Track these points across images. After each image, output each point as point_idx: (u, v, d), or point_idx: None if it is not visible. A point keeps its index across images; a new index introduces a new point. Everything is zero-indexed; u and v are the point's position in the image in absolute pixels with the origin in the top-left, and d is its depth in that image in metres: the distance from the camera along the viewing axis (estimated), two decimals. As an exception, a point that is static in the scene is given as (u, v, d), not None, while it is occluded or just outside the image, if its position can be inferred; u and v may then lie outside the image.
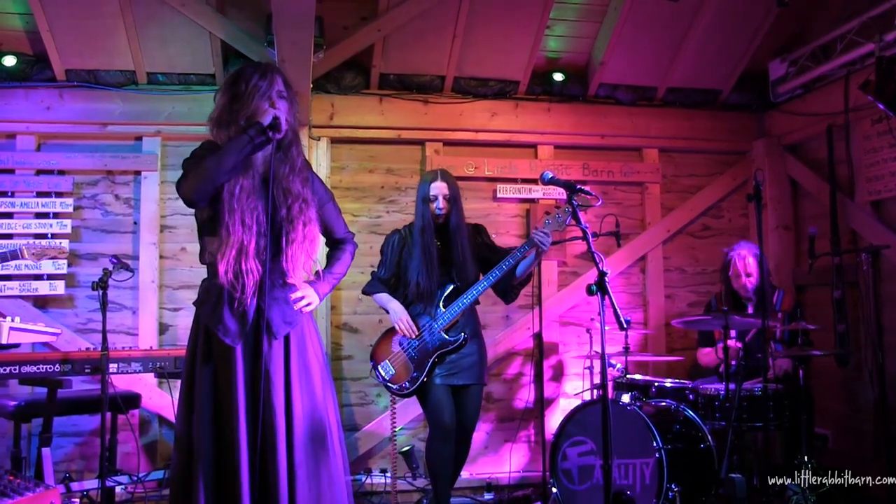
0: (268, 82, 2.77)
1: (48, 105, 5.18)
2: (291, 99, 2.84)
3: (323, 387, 2.82)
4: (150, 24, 4.98)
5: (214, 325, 2.71)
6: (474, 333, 4.25)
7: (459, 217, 4.25)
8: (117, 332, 5.17)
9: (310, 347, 2.83)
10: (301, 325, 2.82)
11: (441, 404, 4.11)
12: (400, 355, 4.20)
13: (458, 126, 5.61)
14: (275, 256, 2.76)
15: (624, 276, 5.83)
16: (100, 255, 5.19)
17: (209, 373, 2.72)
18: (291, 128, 2.82)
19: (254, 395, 2.67)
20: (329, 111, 5.45)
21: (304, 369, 2.77)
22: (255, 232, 2.70)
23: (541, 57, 5.58)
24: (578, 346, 5.67)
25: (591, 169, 5.77)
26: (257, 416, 2.64)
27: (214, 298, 2.74)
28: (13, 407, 4.23)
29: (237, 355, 2.68)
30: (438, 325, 4.14)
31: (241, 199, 2.71)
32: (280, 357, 2.73)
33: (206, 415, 2.68)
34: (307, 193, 2.84)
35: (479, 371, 4.23)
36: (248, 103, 2.74)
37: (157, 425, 5.17)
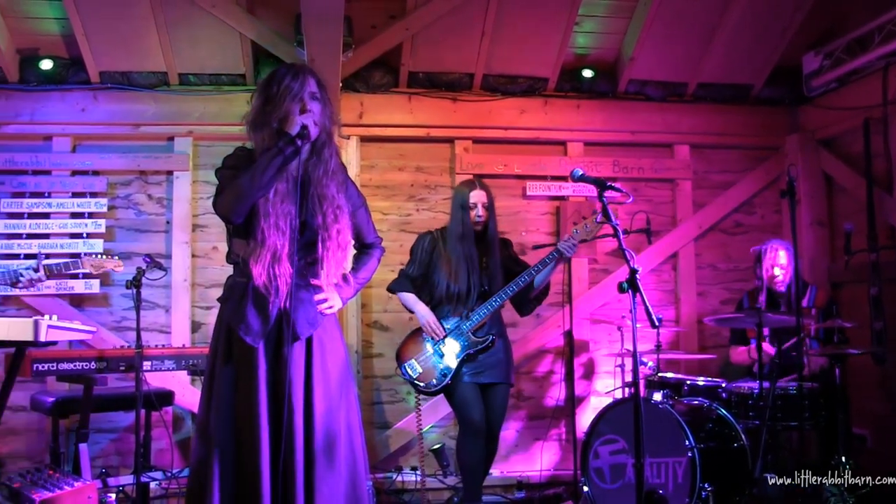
0: (299, 83, 2.74)
1: (83, 107, 5.26)
2: (325, 100, 2.80)
3: (340, 390, 2.80)
4: (180, 26, 5.02)
5: (237, 323, 2.72)
6: (500, 334, 4.29)
7: (495, 226, 4.34)
8: (151, 330, 5.24)
9: (330, 349, 2.82)
10: (324, 327, 2.82)
11: (470, 402, 4.14)
12: (426, 356, 4.26)
13: (487, 124, 5.60)
14: (308, 261, 2.77)
15: (655, 273, 5.78)
16: (133, 254, 5.25)
17: (230, 371, 2.73)
18: (325, 129, 2.80)
19: (275, 395, 2.67)
20: (358, 110, 5.46)
21: (324, 371, 2.76)
22: (289, 237, 2.70)
23: (570, 54, 5.55)
24: (609, 344, 5.63)
25: (621, 166, 5.73)
26: (279, 416, 2.65)
27: (238, 296, 2.75)
28: (51, 403, 4.30)
29: (259, 355, 2.69)
30: (467, 326, 4.18)
31: (275, 204, 2.70)
32: (301, 358, 2.73)
33: (226, 413, 2.69)
34: (341, 199, 2.82)
35: (506, 370, 4.26)
36: (279, 105, 2.73)
37: (190, 422, 5.22)
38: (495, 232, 4.34)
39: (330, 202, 2.77)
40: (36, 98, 5.22)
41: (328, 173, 2.79)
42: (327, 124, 2.80)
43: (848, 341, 4.68)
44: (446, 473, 5.10)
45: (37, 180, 5.22)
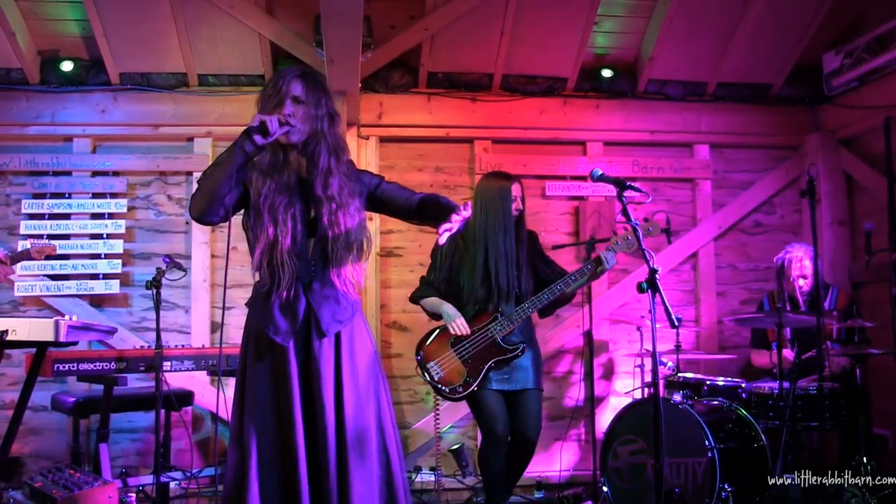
0: (282, 86, 2.72)
1: (103, 108, 5.30)
2: (314, 102, 2.75)
3: (368, 386, 2.80)
4: (199, 27, 5.05)
5: (265, 324, 2.72)
6: (528, 339, 4.14)
7: (523, 219, 4.22)
8: (170, 331, 5.26)
9: (359, 346, 2.81)
10: (352, 324, 2.81)
11: (494, 412, 3.99)
12: (452, 357, 4.07)
13: (506, 124, 5.59)
14: (322, 259, 2.76)
15: (675, 273, 5.76)
16: (153, 254, 5.30)
17: (262, 372, 2.73)
18: (312, 132, 2.75)
19: (307, 393, 2.68)
20: (377, 110, 5.47)
21: (352, 368, 2.77)
22: (291, 228, 2.70)
23: (589, 53, 5.54)
24: (629, 344, 5.61)
25: (640, 165, 5.71)
26: (310, 413, 2.66)
27: (264, 298, 2.76)
28: (72, 403, 4.33)
29: (290, 354, 2.69)
30: (498, 330, 4.04)
31: (270, 198, 2.70)
32: (330, 355, 2.73)
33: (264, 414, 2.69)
34: (344, 197, 2.77)
35: (535, 376, 4.10)
36: (265, 109, 2.72)
37: (209, 422, 5.25)
38: (526, 228, 4.24)
39: (328, 202, 2.74)
40: (57, 99, 5.26)
41: (319, 175, 2.75)
42: (316, 126, 2.75)
43: (869, 341, 4.65)
44: (465, 474, 5.10)
45: (57, 181, 5.26)
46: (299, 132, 2.72)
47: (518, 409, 4.06)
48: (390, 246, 5.53)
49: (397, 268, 5.51)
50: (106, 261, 5.22)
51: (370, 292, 5.34)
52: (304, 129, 2.73)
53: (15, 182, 5.29)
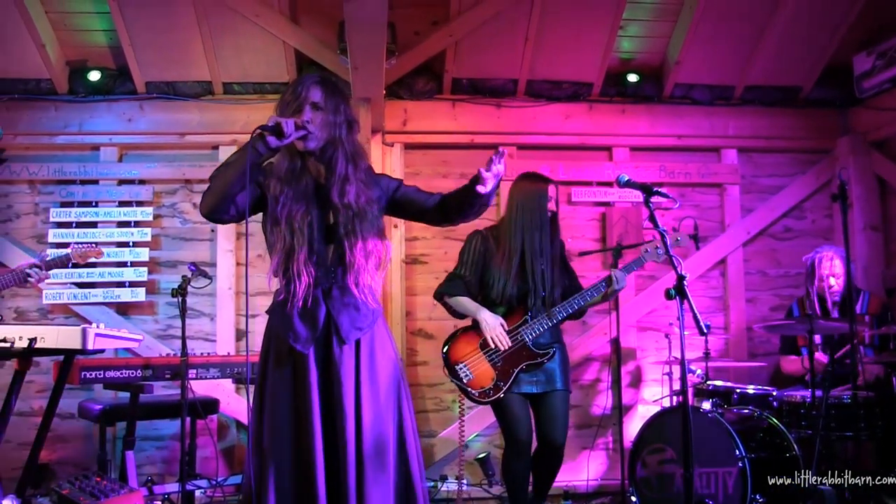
0: (301, 92, 2.73)
1: (129, 117, 5.35)
2: (333, 109, 2.76)
3: (389, 395, 2.78)
4: (224, 35, 5.09)
5: (285, 331, 2.72)
6: (556, 339, 4.09)
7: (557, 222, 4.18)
8: (196, 339, 5.29)
9: (380, 354, 2.80)
10: (373, 332, 2.80)
11: (517, 417, 3.93)
12: (481, 359, 3.99)
13: (531, 130, 5.57)
14: (340, 266, 2.75)
15: (703, 279, 5.70)
16: (179, 262, 5.33)
17: (281, 379, 2.72)
18: (330, 140, 2.76)
19: (326, 401, 2.67)
20: (402, 117, 5.48)
21: (372, 376, 2.76)
22: (308, 236, 2.70)
23: (614, 58, 5.51)
24: (657, 352, 5.57)
25: (667, 170, 5.67)
26: (330, 421, 2.65)
27: (282, 305, 2.75)
28: (98, 410, 4.35)
29: (310, 361, 2.69)
30: (528, 333, 3.98)
31: (287, 206, 2.71)
32: (351, 362, 2.72)
33: (283, 421, 2.69)
34: (362, 205, 2.77)
35: (562, 377, 4.03)
36: (281, 115, 2.72)
37: (235, 430, 5.25)
38: (558, 232, 4.20)
39: (345, 209, 2.74)
40: (84, 109, 5.32)
41: (336, 182, 2.75)
42: (334, 133, 2.76)
43: (904, 348, 4.56)
44: (491, 483, 5.06)
45: (84, 189, 5.31)
46: (317, 139, 2.73)
47: (544, 412, 4.00)
48: (415, 253, 5.52)
49: (422, 275, 5.49)
50: (132, 269, 5.26)
51: (395, 299, 5.33)
52: (321, 135, 2.73)
53: (43, 191, 5.35)
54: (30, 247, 5.27)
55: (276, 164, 2.78)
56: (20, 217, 5.34)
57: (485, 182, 2.70)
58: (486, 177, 2.70)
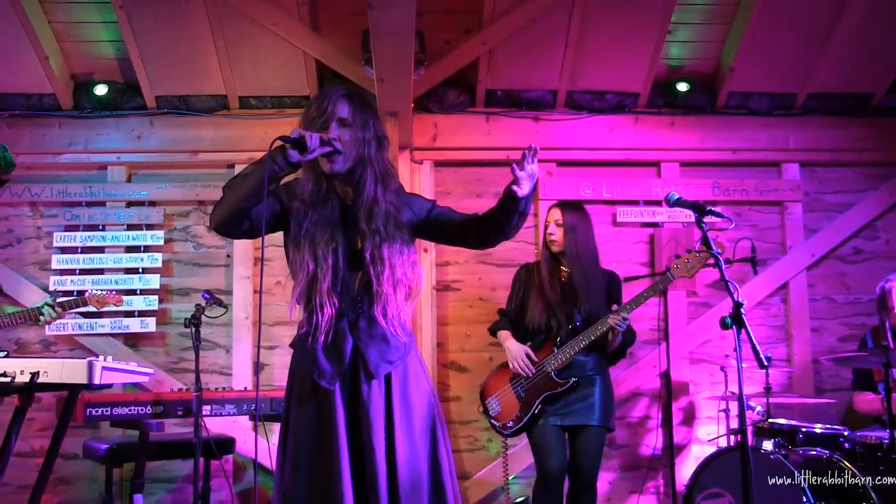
0: (327, 107, 2.72)
1: (139, 134, 5.42)
2: (362, 125, 2.75)
3: (423, 433, 2.77)
4: (240, 46, 5.15)
5: (309, 366, 2.72)
6: (597, 371, 4.22)
7: (579, 245, 4.26)
8: (210, 372, 5.32)
9: (413, 388, 2.79)
10: (405, 364, 2.79)
11: (547, 448, 4.10)
12: (508, 392, 4.25)
13: (572, 145, 5.58)
14: (368, 294, 2.75)
15: (763, 306, 5.63)
16: (191, 290, 5.37)
17: (306, 418, 2.71)
18: (359, 158, 2.75)
19: (355, 441, 2.65)
20: (432, 132, 5.50)
21: (406, 413, 2.74)
22: (332, 265, 2.69)
23: (662, 66, 5.50)
24: (712, 386, 5.50)
25: (721, 188, 5.63)
26: (359, 463, 2.63)
27: (306, 338, 2.75)
28: (105, 450, 4.36)
29: (336, 399, 2.67)
30: (551, 365, 4.14)
31: (310, 232, 2.71)
32: (381, 399, 2.70)
33: (303, 463, 2.68)
34: (391, 230, 2.76)
35: (600, 413, 4.14)
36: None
37: (252, 472, 5.26)
38: (580, 252, 4.25)
39: (372, 235, 2.73)
40: (90, 125, 5.42)
41: (364, 205, 2.75)
42: (363, 151, 2.75)
43: None
44: (531, 530, 5.03)
45: (91, 212, 5.38)
46: (345, 158, 2.71)
47: (575, 447, 4.17)
48: (447, 279, 5.51)
49: (454, 303, 5.48)
50: (142, 297, 5.30)
51: (425, 330, 5.33)
52: (350, 154, 2.72)
53: (47, 213, 5.43)
54: (32, 274, 5.35)
55: (300, 184, 2.78)
56: (21, 242, 5.41)
57: (520, 182, 2.65)
58: (520, 176, 2.64)
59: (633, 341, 4.37)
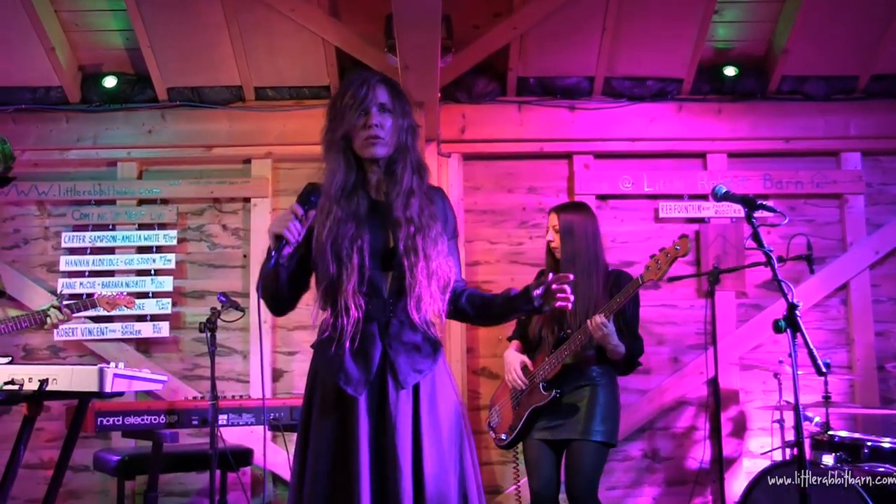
0: (365, 93, 2.75)
1: (150, 128, 5.50)
2: (400, 111, 2.81)
3: (450, 446, 2.77)
4: (256, 34, 5.20)
5: (334, 371, 2.72)
6: (598, 382, 4.11)
7: (576, 248, 4.16)
8: (226, 379, 5.38)
9: (441, 400, 2.79)
10: (433, 374, 2.79)
11: (531, 464, 4.16)
12: (507, 403, 4.32)
13: (610, 135, 5.58)
14: (399, 296, 2.76)
15: (820, 308, 5.60)
16: (206, 292, 5.44)
17: (327, 427, 2.72)
18: (398, 146, 2.80)
19: (378, 455, 2.65)
20: (460, 123, 5.53)
21: (434, 425, 2.74)
22: (357, 264, 2.70)
23: (708, 48, 5.48)
24: (764, 395, 5.48)
25: (773, 180, 5.60)
26: (383, 476, 2.63)
27: (331, 342, 2.75)
28: (116, 462, 4.40)
29: (360, 407, 2.67)
30: (539, 375, 4.14)
31: (334, 230, 2.72)
32: (408, 410, 2.70)
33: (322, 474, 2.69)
34: (425, 219, 2.79)
35: (592, 426, 4.02)
36: (343, 119, 2.76)
37: (271, 485, 5.32)
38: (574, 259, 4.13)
39: (407, 224, 2.74)
40: (99, 120, 5.50)
41: (401, 194, 2.77)
42: (402, 139, 2.80)
43: None
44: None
45: (100, 210, 5.48)
46: (386, 144, 2.75)
47: (567, 463, 4.13)
48: (478, 280, 5.53)
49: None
50: (154, 300, 5.38)
51: (454, 334, 5.35)
52: (391, 142, 2.76)
53: (54, 213, 5.53)
54: (39, 277, 5.45)
55: (327, 177, 2.80)
56: (28, 243, 5.52)
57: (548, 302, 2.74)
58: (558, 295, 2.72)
59: (640, 350, 4.19)
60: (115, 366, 3.89)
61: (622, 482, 5.42)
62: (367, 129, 2.72)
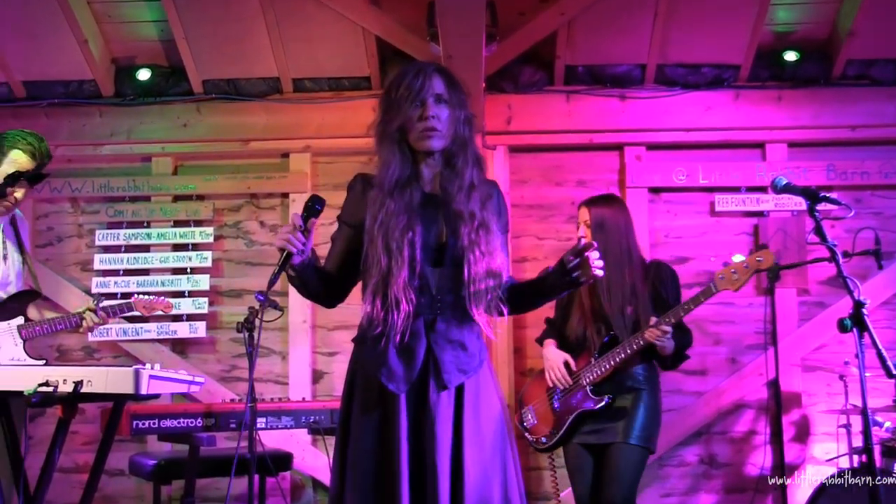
0: (421, 84, 2.75)
1: (185, 122, 5.54)
2: (457, 102, 2.80)
3: (493, 452, 2.76)
4: (293, 23, 5.21)
5: (377, 367, 2.72)
6: (643, 384, 4.07)
7: (607, 247, 4.05)
8: (265, 381, 5.39)
9: (484, 402, 2.78)
10: (478, 376, 2.79)
11: (576, 471, 4.11)
12: (544, 403, 4.24)
13: (663, 125, 5.54)
14: (453, 291, 2.76)
15: (889, 306, 5.50)
16: (244, 291, 5.47)
17: (368, 426, 2.72)
18: (456, 138, 2.80)
19: (418, 457, 2.65)
20: (506, 114, 5.51)
21: (477, 429, 2.73)
22: (408, 257, 2.69)
23: (767, 32, 5.41)
24: (829, 398, 5.39)
25: (837, 171, 5.52)
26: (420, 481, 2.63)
27: (376, 337, 2.75)
28: (152, 466, 4.41)
29: (401, 405, 2.68)
30: (587, 377, 4.07)
31: (385, 223, 2.72)
32: (449, 412, 2.70)
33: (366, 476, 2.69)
34: (486, 215, 2.80)
35: (633, 430, 3.99)
36: (399, 111, 2.76)
37: (311, 490, 5.34)
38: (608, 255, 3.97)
39: (471, 219, 2.75)
40: (133, 113, 5.54)
41: (463, 188, 2.78)
42: (459, 131, 2.80)
43: None
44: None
45: (135, 207, 5.52)
46: (443, 137, 2.75)
47: (602, 466, 4.05)
48: (526, 277, 5.46)
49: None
50: (190, 299, 5.41)
51: (501, 335, 5.30)
52: (448, 134, 2.76)
53: (88, 210, 5.59)
54: (73, 275, 5.51)
55: (381, 168, 2.80)
56: (62, 241, 5.58)
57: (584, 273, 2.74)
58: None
59: (689, 343, 4.18)
60: (151, 367, 3.91)
61: (678, 489, 5.38)
62: (423, 120, 2.72)
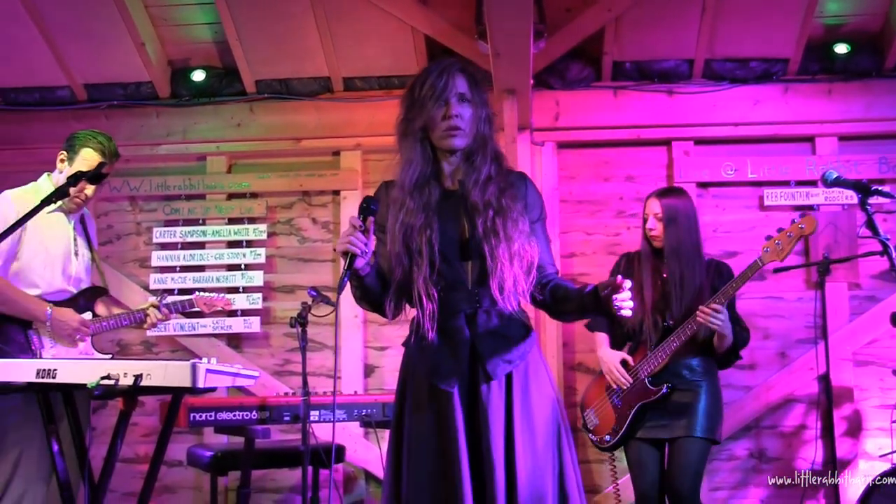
0: (444, 83, 2.82)
1: (238, 121, 5.73)
2: (479, 101, 2.89)
3: (546, 441, 2.80)
4: (343, 22, 5.35)
5: (423, 366, 2.82)
6: (703, 376, 4.14)
7: (680, 239, 4.18)
8: (317, 375, 5.56)
9: (536, 392, 2.83)
10: (526, 363, 2.84)
11: (638, 465, 4.17)
12: (605, 403, 4.31)
13: (711, 120, 5.57)
14: (483, 284, 2.82)
15: (942, 300, 5.50)
16: (297, 287, 5.63)
17: (422, 423, 2.80)
18: (477, 136, 2.88)
19: (474, 451, 2.71)
20: (553, 110, 5.59)
21: (528, 418, 2.78)
22: (427, 254, 2.77)
23: (817, 25, 5.42)
24: (882, 393, 5.41)
25: (890, 163, 5.51)
26: (478, 473, 2.69)
27: (419, 337, 2.84)
28: (209, 458, 4.59)
29: (454, 401, 2.74)
30: (644, 370, 4.15)
31: (406, 223, 2.81)
32: (500, 402, 2.75)
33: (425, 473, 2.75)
34: (506, 203, 2.84)
35: (700, 422, 4.06)
36: (422, 110, 2.84)
37: (363, 482, 5.49)
38: (679, 248, 4.17)
39: (486, 209, 2.81)
40: (188, 114, 5.76)
41: (479, 181, 2.85)
42: (481, 129, 2.89)
43: None
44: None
45: (190, 205, 5.74)
46: (466, 136, 2.85)
47: (670, 460, 4.14)
48: (574, 272, 5.60)
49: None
50: (244, 295, 5.59)
51: (549, 328, 5.40)
52: (470, 132, 2.86)
53: (146, 208, 5.81)
54: (132, 272, 5.74)
55: (402, 167, 2.90)
56: (121, 238, 5.83)
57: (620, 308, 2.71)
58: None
59: (746, 340, 4.23)
60: (208, 361, 4.11)
61: (727, 482, 5.42)
62: (446, 119, 2.81)
